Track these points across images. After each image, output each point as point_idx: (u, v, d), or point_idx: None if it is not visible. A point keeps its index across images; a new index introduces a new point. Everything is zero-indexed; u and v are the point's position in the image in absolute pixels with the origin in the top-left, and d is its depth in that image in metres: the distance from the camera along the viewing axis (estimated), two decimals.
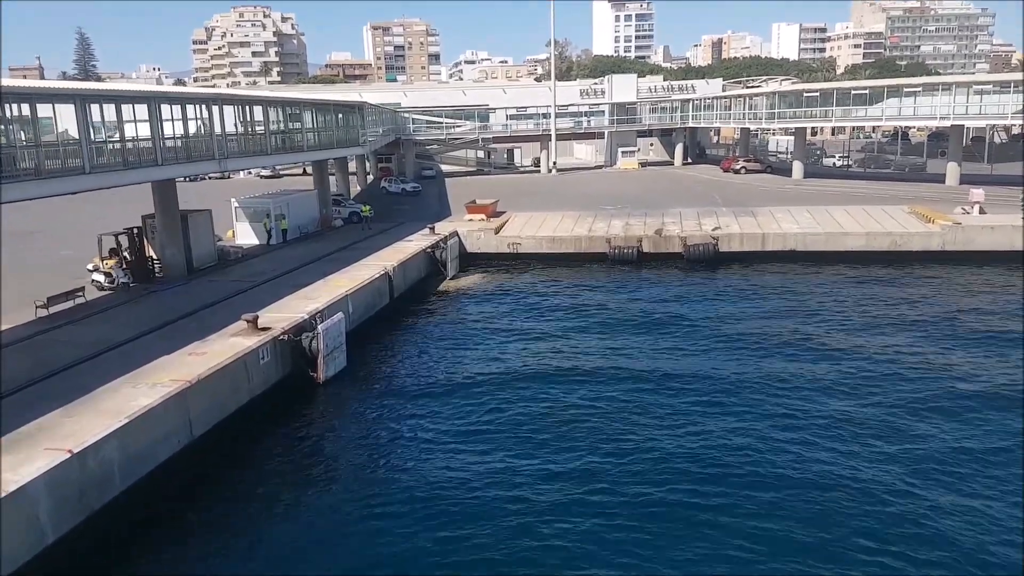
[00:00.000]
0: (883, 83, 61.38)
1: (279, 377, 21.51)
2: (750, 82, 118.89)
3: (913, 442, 18.24)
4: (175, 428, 17.24)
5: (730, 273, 36.25)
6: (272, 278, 29.78)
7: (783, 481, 16.53)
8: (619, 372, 23.28)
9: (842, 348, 25.03)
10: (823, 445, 18.18)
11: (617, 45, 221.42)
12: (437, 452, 18.54)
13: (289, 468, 18.18)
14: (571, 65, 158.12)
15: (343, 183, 53.76)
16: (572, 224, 43.41)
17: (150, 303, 26.44)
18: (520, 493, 16.49)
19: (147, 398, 16.97)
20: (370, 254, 34.67)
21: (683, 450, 18.15)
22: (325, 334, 22.01)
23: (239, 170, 59.03)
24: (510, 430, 19.52)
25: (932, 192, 50.00)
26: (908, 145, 77.32)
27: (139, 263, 29.93)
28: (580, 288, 34.20)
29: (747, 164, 68.81)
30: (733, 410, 20.38)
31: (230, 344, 20.65)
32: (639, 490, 16.40)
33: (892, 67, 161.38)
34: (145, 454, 16.22)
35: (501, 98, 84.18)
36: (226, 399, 19.06)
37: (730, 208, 46.23)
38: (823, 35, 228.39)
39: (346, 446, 19.34)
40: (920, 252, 37.04)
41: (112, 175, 24.07)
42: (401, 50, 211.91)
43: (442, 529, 15.19)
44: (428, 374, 23.91)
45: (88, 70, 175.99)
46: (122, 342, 21.23)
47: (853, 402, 20.71)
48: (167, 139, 26.80)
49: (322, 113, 41.25)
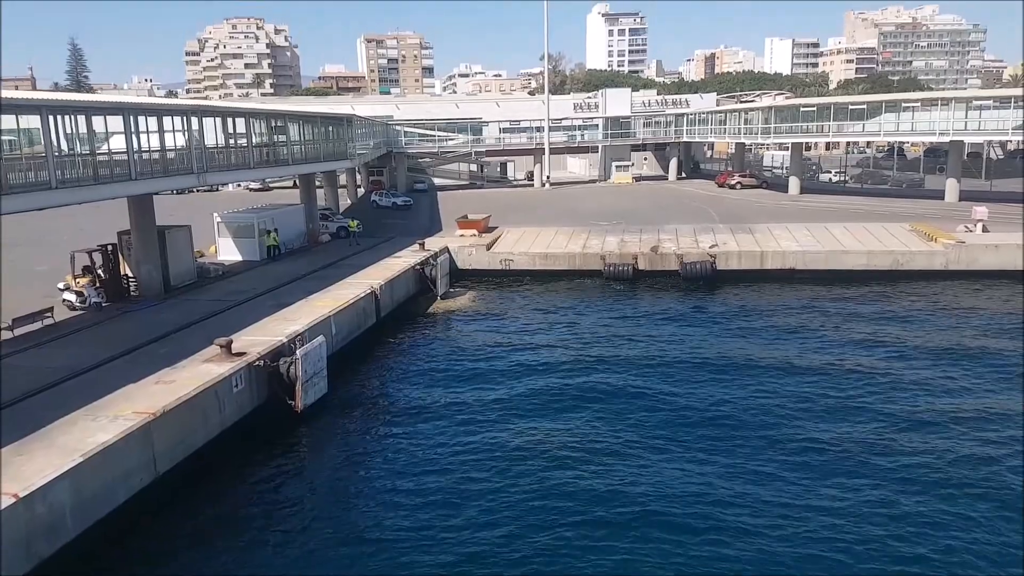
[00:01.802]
0: (881, 98, 60.73)
1: (254, 406, 20.23)
2: (744, 97, 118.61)
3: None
4: (137, 466, 15.94)
5: (729, 293, 35.15)
6: (252, 297, 28.51)
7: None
8: (614, 403, 22.01)
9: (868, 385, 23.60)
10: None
11: (611, 59, 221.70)
12: (423, 488, 17.28)
13: (260, 508, 16.86)
14: (565, 79, 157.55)
15: (332, 197, 52.61)
16: (566, 240, 42.34)
17: (122, 325, 25.12)
18: (510, 530, 15.30)
19: (106, 433, 15.68)
20: (357, 271, 33.51)
21: (680, 492, 16.94)
22: (304, 359, 20.74)
23: (221, 184, 57.78)
24: (500, 464, 18.27)
25: (932, 209, 49.13)
26: (904, 161, 76.74)
27: (113, 281, 28.64)
28: (574, 308, 33.02)
29: (742, 179, 67.90)
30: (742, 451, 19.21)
31: (201, 371, 19.37)
32: (632, 533, 15.25)
33: (884, 82, 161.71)
34: (102, 495, 14.93)
35: (494, 111, 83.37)
36: (195, 432, 17.77)
37: (727, 225, 45.23)
38: (816, 50, 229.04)
39: (323, 483, 18.02)
40: (923, 271, 36.06)
41: (82, 191, 22.85)
42: (395, 63, 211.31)
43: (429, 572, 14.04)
44: (414, 402, 22.66)
45: (80, 81, 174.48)
46: (86, 368, 19.93)
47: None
48: (142, 153, 25.62)
49: (309, 125, 40.10)
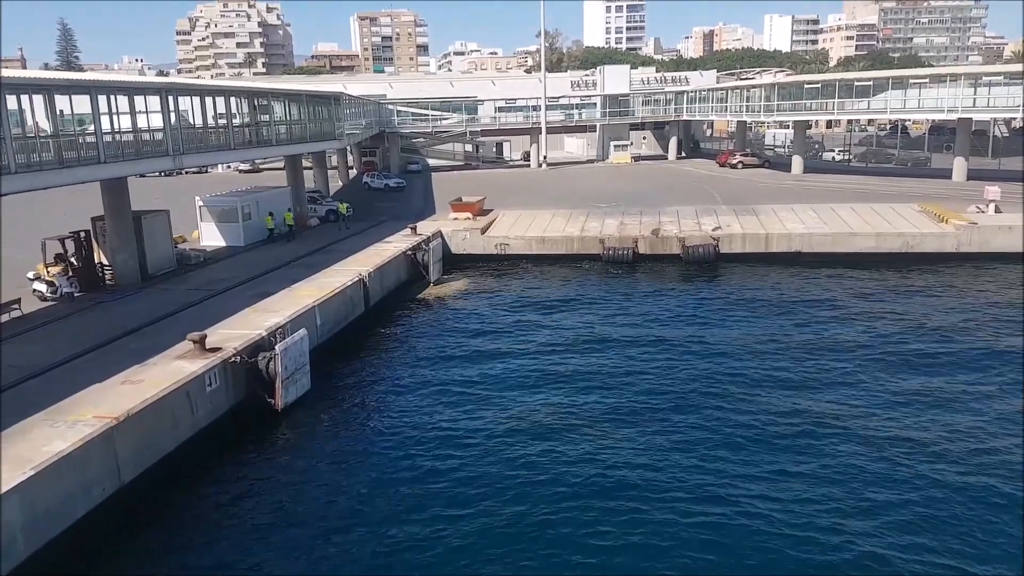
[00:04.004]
0: (888, 74, 58.93)
1: (230, 405, 18.92)
2: (743, 74, 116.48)
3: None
4: (98, 475, 14.66)
5: (733, 276, 33.82)
6: (233, 286, 27.10)
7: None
8: (617, 401, 20.70)
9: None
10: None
11: (608, 36, 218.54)
12: (412, 495, 16.05)
13: (234, 517, 15.59)
14: (562, 56, 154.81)
15: (321, 178, 50.91)
16: (563, 223, 40.90)
17: (93, 317, 23.73)
18: (503, 550, 14.11)
19: (64, 441, 14.38)
20: (345, 257, 32.10)
21: (682, 489, 15.80)
22: (284, 355, 19.40)
23: (203, 166, 55.93)
24: (495, 469, 17.01)
25: (940, 189, 47.67)
26: (907, 139, 75.05)
27: (87, 270, 27.21)
28: (572, 295, 31.67)
29: (744, 159, 66.25)
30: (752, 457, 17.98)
31: (172, 369, 18.03)
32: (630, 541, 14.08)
33: (885, 59, 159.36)
34: (58, 510, 13.66)
35: (490, 90, 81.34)
36: (163, 436, 16.46)
37: (730, 206, 43.77)
38: (816, 27, 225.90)
39: (303, 488, 16.70)
40: (934, 254, 34.74)
41: (45, 175, 21.36)
42: (389, 41, 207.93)
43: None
44: (402, 398, 21.37)
45: (71, 61, 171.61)
46: (50, 366, 18.60)
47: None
48: (114, 134, 24.08)
49: (294, 104, 38.40)
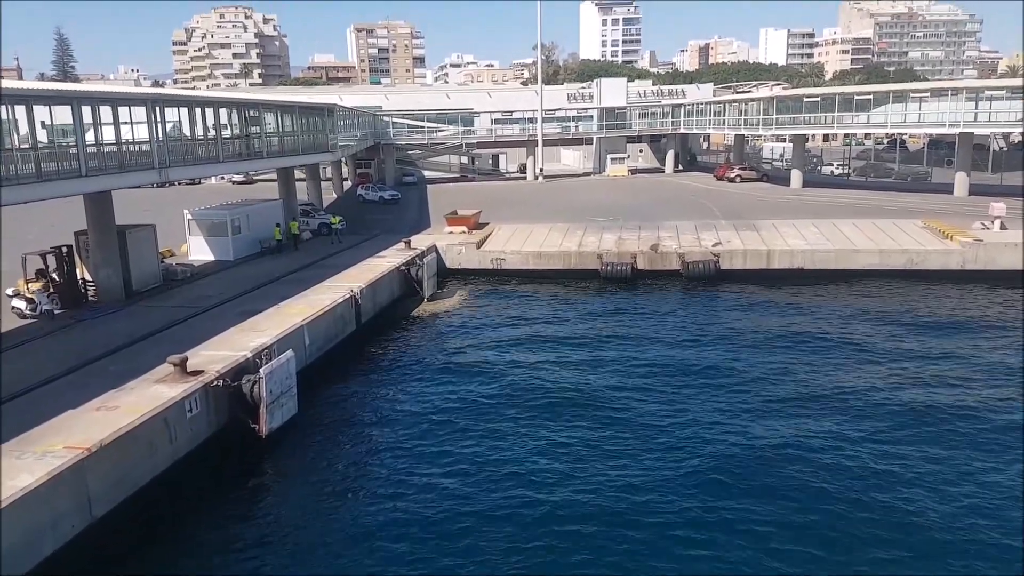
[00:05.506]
0: (888, 88, 58.61)
1: (212, 432, 18.01)
2: (739, 87, 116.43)
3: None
4: (66, 511, 13.74)
5: (735, 294, 33.03)
6: (220, 303, 26.21)
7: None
8: (617, 430, 19.75)
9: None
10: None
11: (604, 49, 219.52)
12: (402, 525, 15.19)
13: (214, 551, 14.71)
14: (558, 69, 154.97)
15: (314, 191, 50.13)
16: (560, 237, 40.15)
17: (73, 336, 22.81)
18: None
19: (30, 474, 13.46)
20: (337, 273, 31.26)
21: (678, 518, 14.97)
22: (269, 378, 18.50)
23: (190, 179, 55.05)
24: (491, 500, 16.14)
25: (942, 204, 47.09)
26: (905, 152, 74.63)
27: (69, 286, 26.30)
28: (570, 313, 30.81)
29: (742, 172, 65.79)
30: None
31: (151, 394, 17.12)
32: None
33: (880, 73, 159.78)
34: (22, 549, 12.72)
35: (486, 102, 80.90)
36: (139, 467, 15.54)
37: (729, 221, 43.10)
38: (811, 40, 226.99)
39: (287, 518, 15.84)
40: (938, 271, 34.04)
41: (24, 188, 20.53)
42: (385, 53, 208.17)
43: None
44: (393, 423, 20.47)
45: (67, 71, 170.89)
46: (22, 391, 17.67)
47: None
48: (97, 146, 23.28)
49: (287, 116, 37.66)
